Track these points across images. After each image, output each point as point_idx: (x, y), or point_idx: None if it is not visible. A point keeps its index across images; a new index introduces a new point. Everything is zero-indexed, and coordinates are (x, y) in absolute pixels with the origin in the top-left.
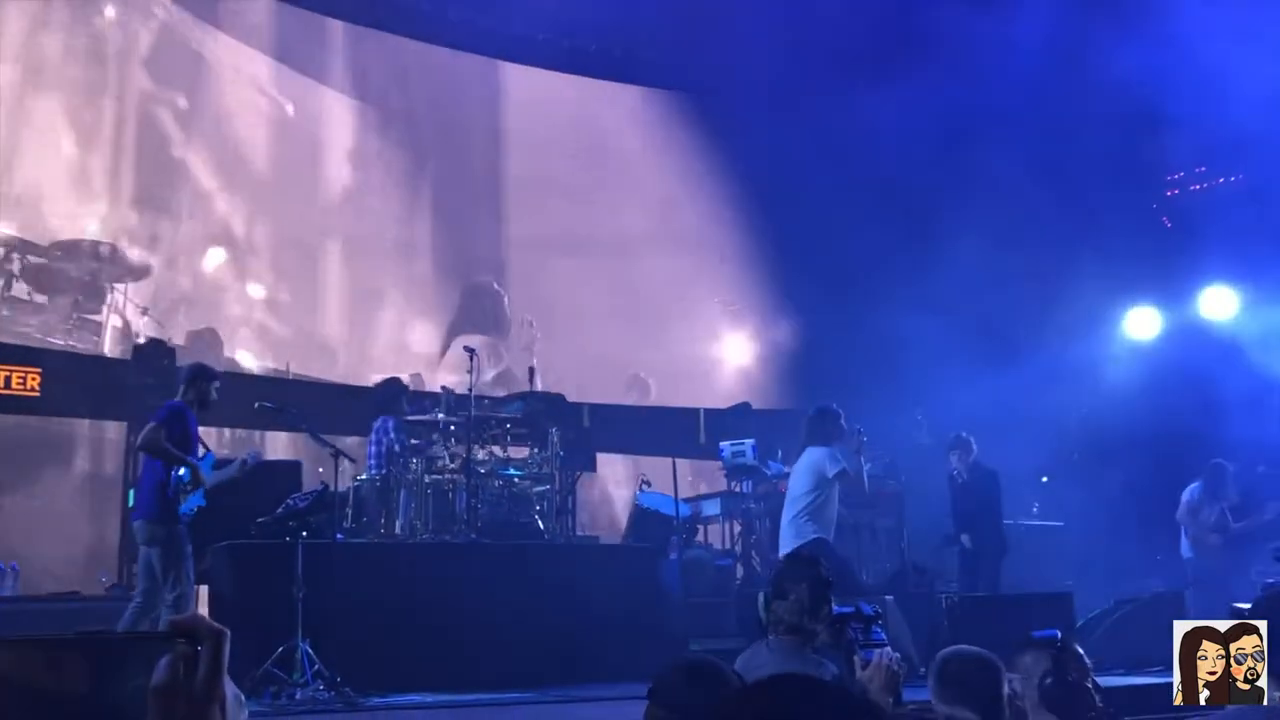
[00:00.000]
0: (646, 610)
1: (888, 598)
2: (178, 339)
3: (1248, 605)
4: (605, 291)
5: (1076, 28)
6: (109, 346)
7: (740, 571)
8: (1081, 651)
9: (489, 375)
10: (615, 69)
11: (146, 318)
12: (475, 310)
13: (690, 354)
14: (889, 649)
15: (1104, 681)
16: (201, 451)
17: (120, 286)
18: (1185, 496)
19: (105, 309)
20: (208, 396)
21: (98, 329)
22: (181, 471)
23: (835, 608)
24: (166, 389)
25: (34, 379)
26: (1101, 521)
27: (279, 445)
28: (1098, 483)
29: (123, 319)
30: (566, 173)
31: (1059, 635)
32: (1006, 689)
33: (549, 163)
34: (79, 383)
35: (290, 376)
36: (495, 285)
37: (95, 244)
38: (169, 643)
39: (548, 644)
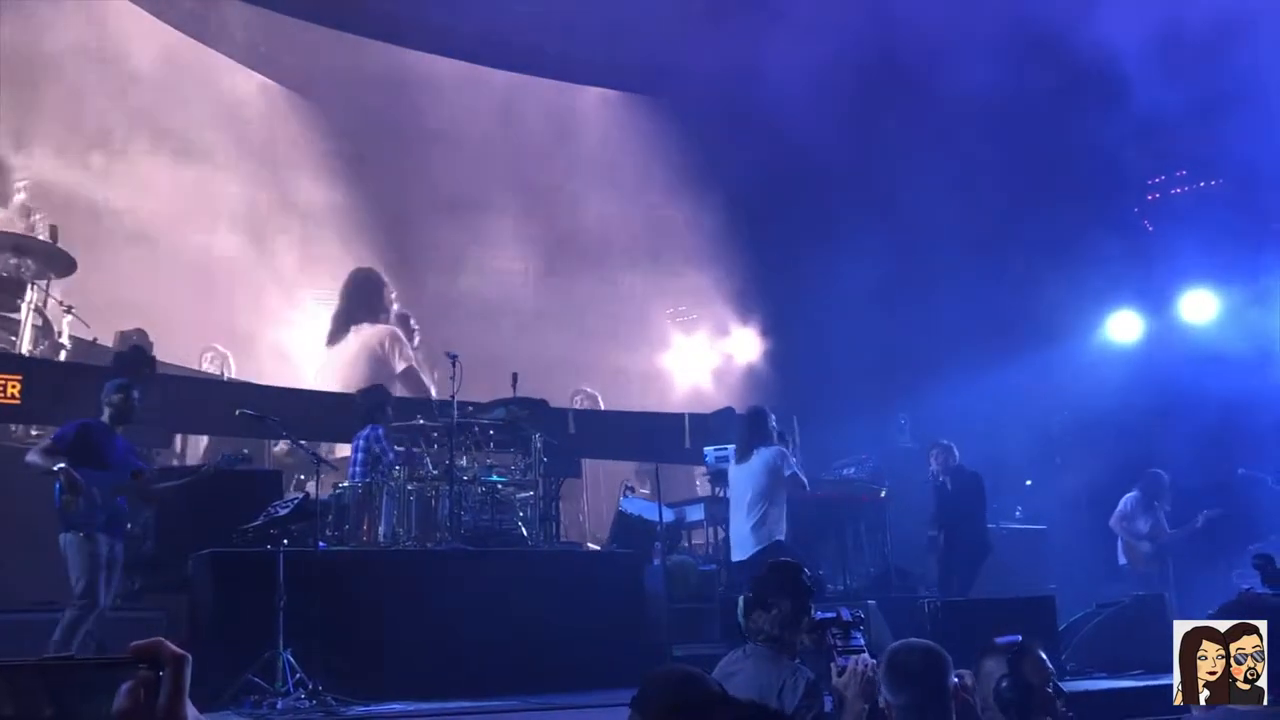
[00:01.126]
0: (630, 616)
1: (870, 602)
2: (105, 338)
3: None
4: (567, 299)
5: (1058, 30)
6: (27, 347)
7: (724, 577)
8: (1044, 656)
9: (400, 367)
10: (587, 72)
11: (71, 316)
12: (363, 301)
13: (650, 359)
14: (866, 655)
15: (1085, 685)
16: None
17: (42, 283)
18: (1120, 505)
19: (25, 306)
20: (126, 408)
21: (15, 327)
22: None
23: (816, 613)
24: (147, 395)
25: (14, 386)
26: (1084, 525)
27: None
28: (1080, 486)
29: (43, 318)
30: (536, 175)
31: (1019, 640)
32: (954, 680)
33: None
34: (61, 389)
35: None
36: (381, 275)
37: (15, 236)
38: (131, 668)
39: (531, 651)
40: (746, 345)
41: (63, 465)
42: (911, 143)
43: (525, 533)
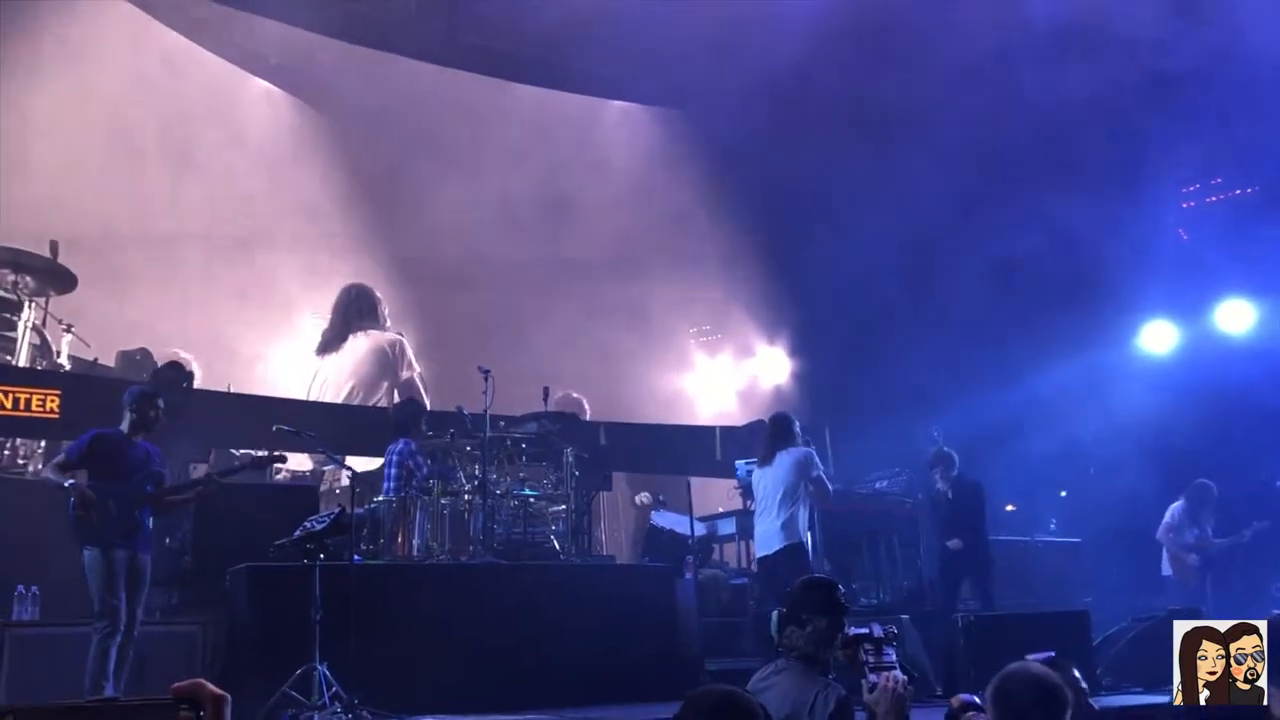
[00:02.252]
0: (662, 630)
1: (904, 617)
2: (107, 359)
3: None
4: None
5: (1090, 37)
6: (24, 363)
7: (756, 590)
8: (1078, 675)
9: (405, 375)
10: (609, 87)
11: (71, 335)
12: (361, 311)
13: (674, 380)
14: (898, 672)
15: (1121, 700)
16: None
17: (40, 300)
18: (1166, 516)
19: (21, 324)
20: (147, 417)
21: (12, 346)
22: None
23: (850, 629)
24: (183, 411)
25: (53, 401)
26: (1119, 537)
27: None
28: (1115, 498)
29: (41, 336)
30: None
31: (1053, 656)
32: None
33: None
34: (98, 405)
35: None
36: (374, 292)
37: (12, 251)
38: (172, 710)
39: (563, 664)
40: (773, 366)
41: (72, 482)
42: (937, 151)
43: (558, 546)
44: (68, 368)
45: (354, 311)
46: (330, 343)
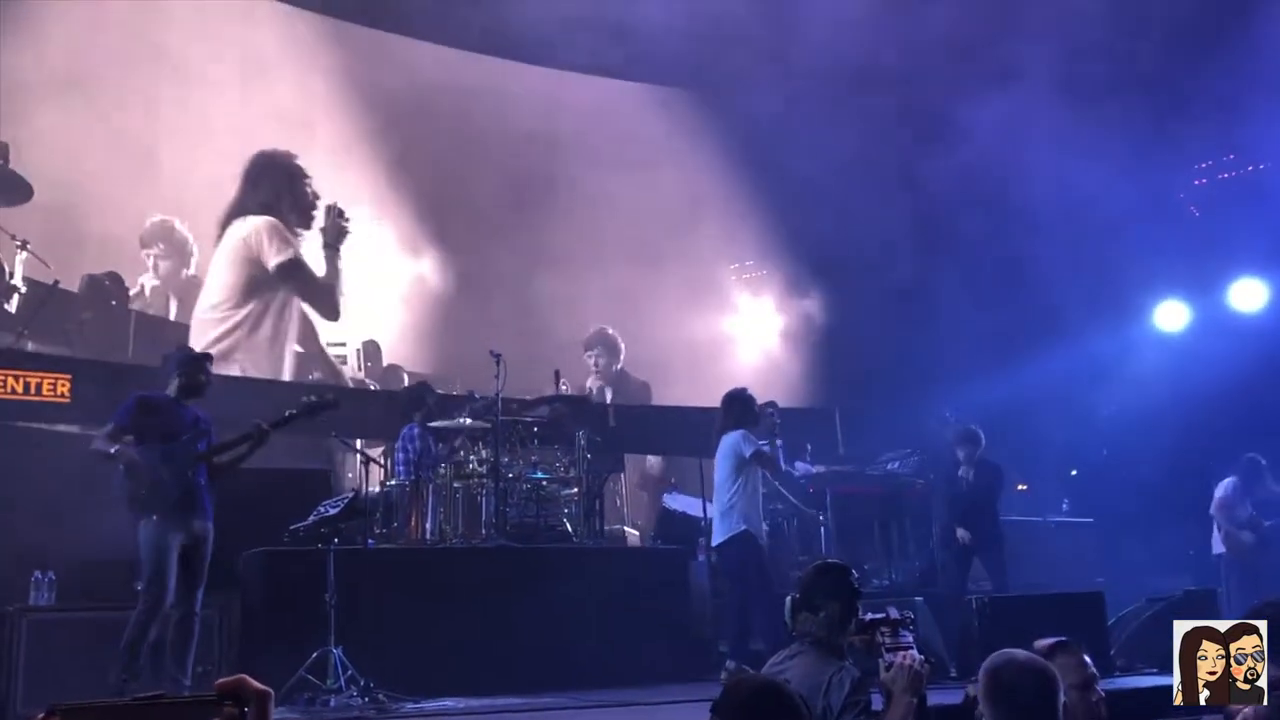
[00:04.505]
0: (676, 612)
1: (917, 599)
2: (69, 283)
3: None
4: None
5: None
6: None
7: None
8: (1088, 659)
9: (273, 261)
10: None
11: (26, 253)
12: (266, 188)
13: (704, 345)
14: (914, 651)
15: (1135, 682)
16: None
17: None
18: (1219, 492)
19: None
20: (196, 382)
21: None
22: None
23: (866, 614)
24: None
25: (64, 385)
26: (1131, 517)
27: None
28: (1127, 478)
29: None
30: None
31: (1065, 641)
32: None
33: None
34: (109, 388)
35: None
36: (296, 162)
37: None
38: (216, 706)
39: (579, 647)
40: (776, 341)
41: (117, 448)
42: (950, 130)
43: (570, 529)
44: (23, 290)
45: (254, 190)
46: (220, 231)
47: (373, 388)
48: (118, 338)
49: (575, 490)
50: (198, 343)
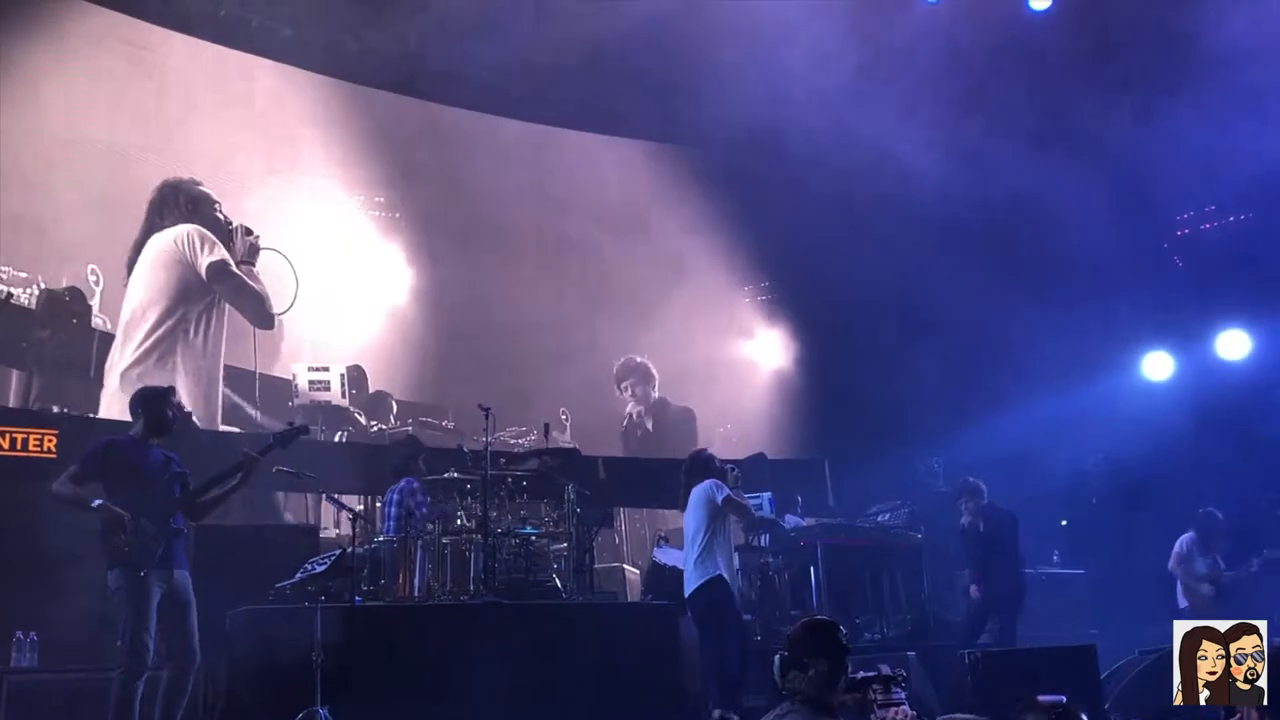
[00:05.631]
0: (666, 668)
1: (909, 654)
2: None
3: None
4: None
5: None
6: None
7: (760, 627)
8: (1085, 718)
9: (204, 261)
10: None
11: None
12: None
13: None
14: (906, 708)
15: None
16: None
17: None
18: (1176, 547)
19: None
20: (162, 419)
21: None
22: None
23: (858, 672)
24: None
25: (51, 441)
26: (1123, 567)
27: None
28: (1117, 528)
29: None
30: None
31: (1064, 701)
32: None
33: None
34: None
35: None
36: (201, 188)
37: None
38: None
39: (568, 704)
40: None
41: (100, 502)
42: (936, 174)
43: (560, 584)
44: None
45: (161, 211)
46: (131, 261)
47: (357, 415)
48: (78, 357)
49: (564, 545)
50: (125, 349)
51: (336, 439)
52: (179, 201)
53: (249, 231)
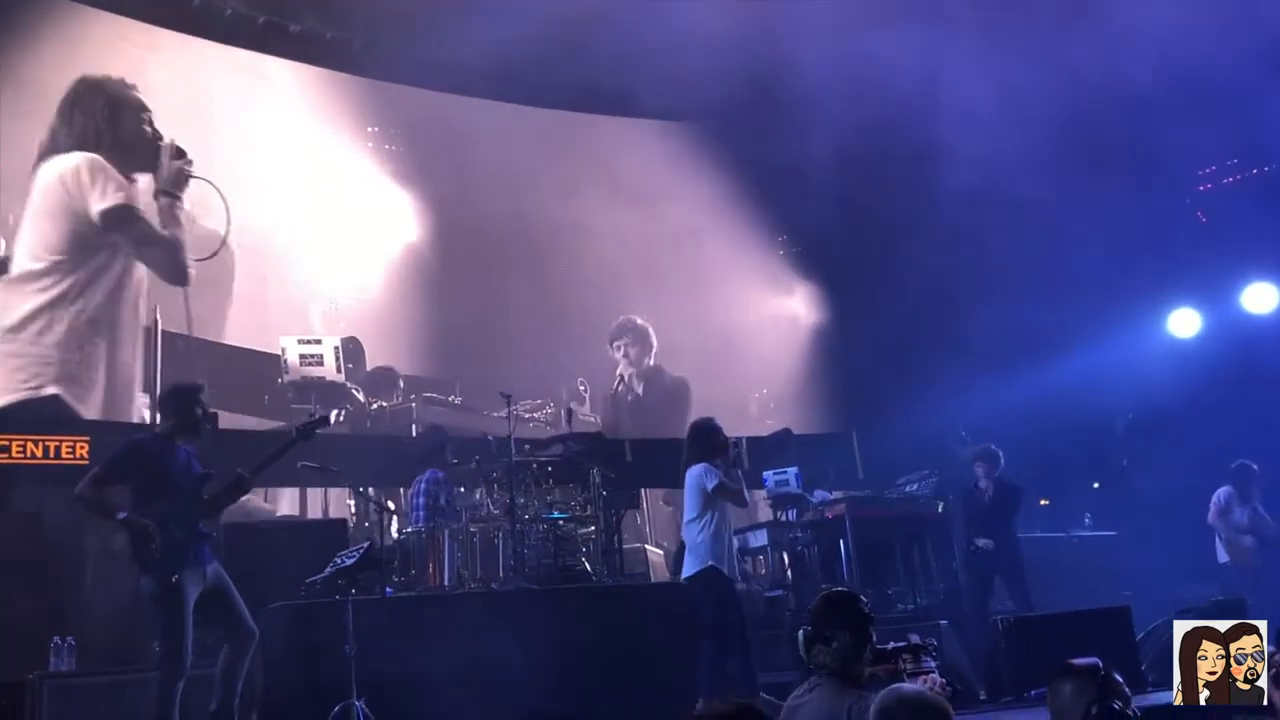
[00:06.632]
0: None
1: (942, 622)
2: None
3: None
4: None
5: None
6: None
7: (793, 602)
8: (1120, 679)
9: (96, 206)
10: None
11: None
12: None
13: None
14: (935, 675)
15: (1166, 697)
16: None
17: None
18: (1214, 500)
19: None
20: (192, 418)
21: None
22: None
23: (889, 644)
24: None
25: (82, 448)
26: (1156, 527)
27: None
28: (1150, 487)
29: None
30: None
31: (1100, 663)
32: None
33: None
34: None
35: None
36: (134, 92)
37: None
38: None
39: (602, 686)
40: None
41: (124, 515)
42: (956, 144)
43: (589, 568)
44: None
45: (64, 118)
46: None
47: (355, 391)
48: None
49: (592, 528)
50: (8, 315)
51: (334, 419)
52: (94, 106)
53: (180, 153)
